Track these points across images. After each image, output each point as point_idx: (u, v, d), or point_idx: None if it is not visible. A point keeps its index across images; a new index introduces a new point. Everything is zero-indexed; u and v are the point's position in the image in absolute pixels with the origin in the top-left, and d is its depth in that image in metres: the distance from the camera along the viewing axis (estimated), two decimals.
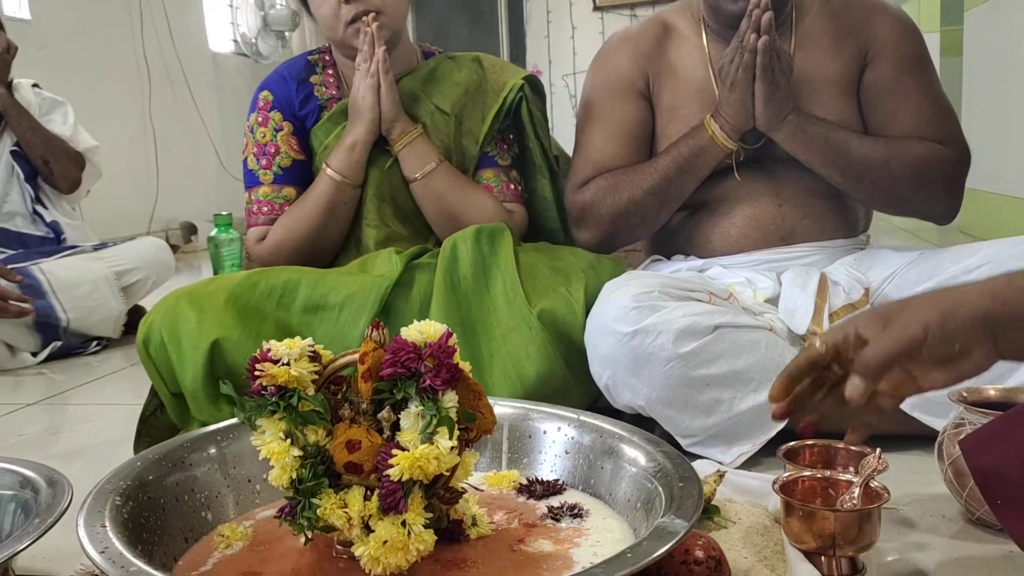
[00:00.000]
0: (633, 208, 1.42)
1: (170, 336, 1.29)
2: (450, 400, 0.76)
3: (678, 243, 1.51)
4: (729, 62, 1.33)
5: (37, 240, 2.25)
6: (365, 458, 0.76)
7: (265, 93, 1.58)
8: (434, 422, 0.74)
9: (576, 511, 0.89)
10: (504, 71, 1.60)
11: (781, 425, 1.18)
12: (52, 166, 2.22)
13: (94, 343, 2.16)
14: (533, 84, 1.59)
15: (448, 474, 0.77)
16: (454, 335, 0.78)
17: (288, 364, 0.77)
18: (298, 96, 1.56)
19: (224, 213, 2.54)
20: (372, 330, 0.79)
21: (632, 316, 1.17)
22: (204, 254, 4.10)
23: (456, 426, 0.75)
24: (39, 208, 2.26)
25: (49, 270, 2.09)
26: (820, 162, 1.36)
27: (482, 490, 0.93)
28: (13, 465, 0.96)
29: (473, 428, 0.78)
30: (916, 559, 0.94)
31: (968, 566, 0.93)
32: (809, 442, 1.05)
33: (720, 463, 1.16)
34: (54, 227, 2.27)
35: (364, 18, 1.43)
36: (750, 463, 1.19)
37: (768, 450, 1.19)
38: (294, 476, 0.76)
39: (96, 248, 2.23)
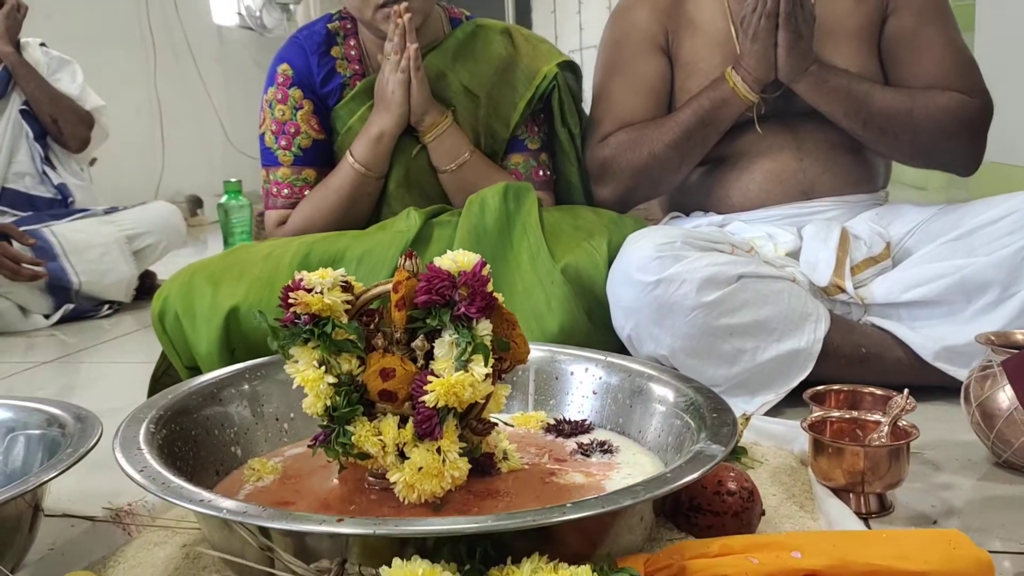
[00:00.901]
0: (654, 162, 1.41)
1: (185, 311, 1.28)
2: (484, 328, 0.75)
3: (697, 200, 1.50)
4: (751, 11, 1.32)
5: (46, 202, 2.24)
6: (399, 386, 0.75)
7: (284, 67, 1.53)
8: (469, 350, 0.74)
9: (606, 447, 0.89)
10: (537, 53, 1.54)
11: (804, 375, 1.18)
12: (61, 125, 2.21)
13: (106, 307, 2.15)
14: (569, 67, 1.56)
15: (482, 402, 0.77)
16: (488, 265, 0.77)
17: (321, 293, 0.77)
18: (319, 72, 1.52)
19: (234, 180, 2.54)
20: (405, 260, 0.78)
21: (655, 265, 1.17)
22: (210, 228, 4.09)
23: (491, 354, 0.75)
24: (47, 169, 2.24)
25: (61, 233, 2.08)
26: (842, 114, 1.35)
27: (512, 425, 0.93)
28: (40, 404, 0.96)
29: (507, 358, 0.78)
30: (944, 498, 0.94)
31: (995, 505, 0.93)
32: (835, 387, 1.05)
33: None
34: (62, 189, 2.26)
35: (396, 7, 1.38)
36: (773, 413, 1.19)
37: (790, 401, 1.19)
38: (328, 403, 0.76)
39: (107, 212, 2.22)
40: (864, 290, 1.28)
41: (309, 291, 0.77)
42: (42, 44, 2.34)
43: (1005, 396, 0.97)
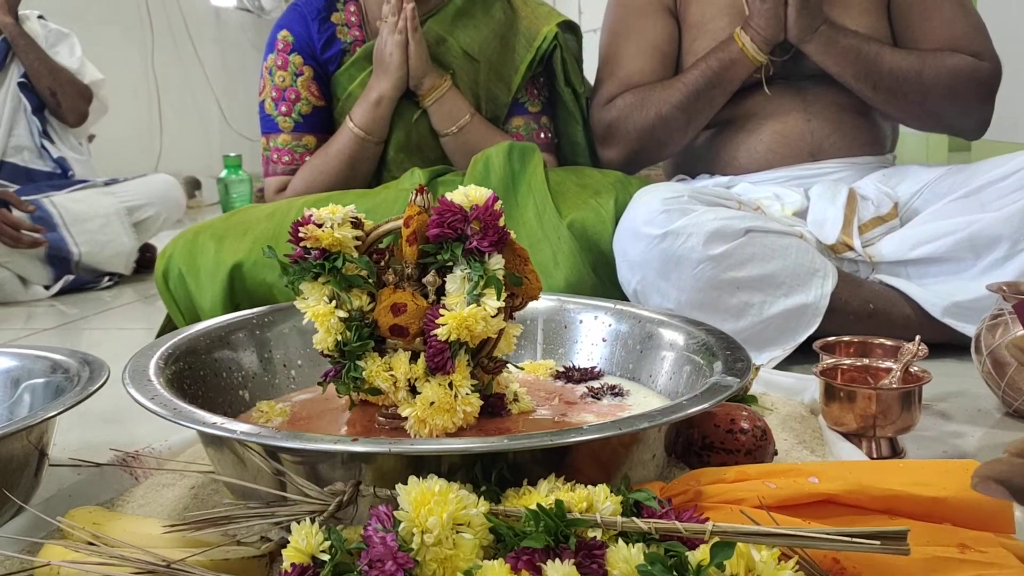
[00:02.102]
0: (661, 124, 1.41)
1: (189, 268, 1.27)
2: (497, 263, 0.74)
3: (703, 162, 1.50)
4: None
5: (44, 176, 2.22)
6: (411, 321, 0.75)
7: (284, 33, 1.52)
8: (481, 283, 0.73)
9: (617, 391, 0.89)
10: (537, 15, 1.54)
11: (811, 330, 1.18)
12: (59, 97, 2.19)
13: (106, 278, 2.14)
14: (569, 27, 1.55)
15: (495, 338, 0.76)
16: (500, 200, 0.76)
17: (332, 227, 0.76)
18: (319, 38, 1.51)
19: (233, 155, 2.53)
20: (416, 195, 0.77)
21: (662, 219, 1.16)
22: (209, 209, 4.07)
23: (503, 289, 0.74)
24: (46, 143, 2.23)
25: (60, 203, 2.06)
26: (852, 75, 1.35)
27: (521, 368, 0.92)
28: (43, 351, 0.95)
29: (519, 294, 0.77)
30: (955, 445, 0.93)
31: None
32: (846, 338, 1.05)
33: None
34: (61, 163, 2.25)
35: None
36: (780, 369, 1.18)
37: (797, 359, 1.19)
38: (339, 338, 0.75)
39: (107, 184, 2.21)
40: (872, 248, 1.27)
41: (319, 227, 0.76)
42: (40, 17, 2.33)
43: None
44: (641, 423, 0.61)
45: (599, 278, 1.25)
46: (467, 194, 0.76)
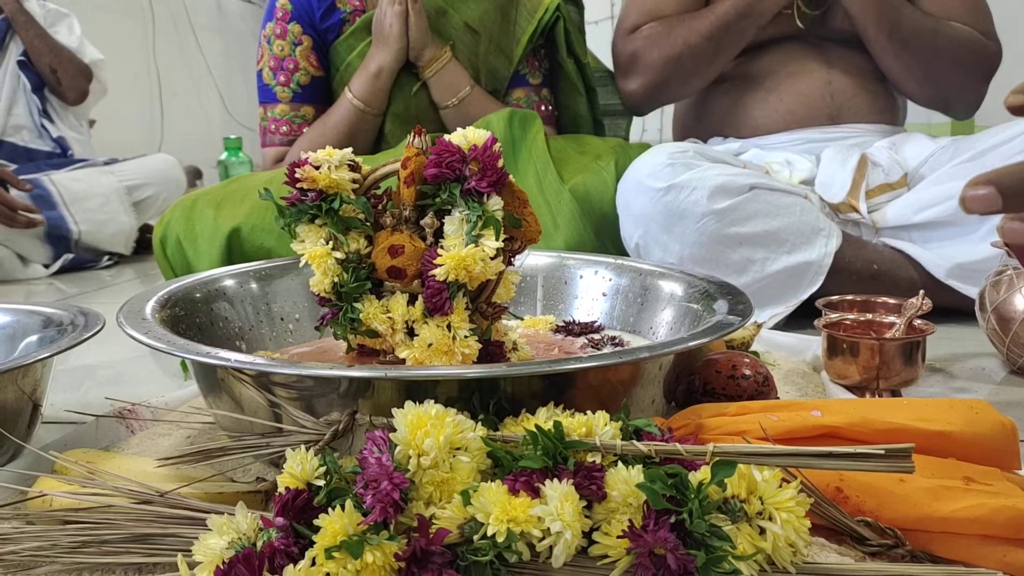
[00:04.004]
0: (688, 53, 1.40)
1: (187, 234, 1.27)
2: (495, 204, 0.73)
3: (717, 121, 1.49)
4: None
5: (44, 155, 2.22)
6: (408, 262, 0.74)
7: (283, 2, 1.51)
8: (479, 224, 0.72)
9: (617, 342, 0.88)
10: None
11: (814, 288, 1.17)
12: (60, 75, 2.19)
13: (105, 258, 2.13)
14: None
15: (493, 282, 0.75)
16: (499, 142, 0.75)
17: (328, 169, 0.75)
18: (319, 7, 1.50)
19: (234, 137, 2.52)
20: (414, 137, 0.76)
21: (667, 172, 1.15)
22: None
23: (502, 229, 0.73)
24: (45, 122, 2.23)
25: (60, 182, 2.06)
26: (873, 18, 1.34)
27: (522, 318, 0.91)
28: (36, 306, 0.94)
29: (518, 237, 0.76)
30: (960, 399, 0.92)
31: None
32: (849, 297, 1.04)
33: None
34: (60, 142, 2.24)
35: None
36: (782, 331, 1.17)
37: (799, 321, 1.18)
38: (336, 280, 0.74)
39: (107, 163, 2.20)
40: (877, 214, 1.27)
41: (316, 168, 0.75)
42: None
43: (1022, 298, 0.95)
44: (641, 353, 0.60)
45: (601, 240, 1.24)
46: (465, 135, 0.75)
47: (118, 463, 0.66)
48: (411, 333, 0.74)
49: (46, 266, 2.03)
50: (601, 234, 1.24)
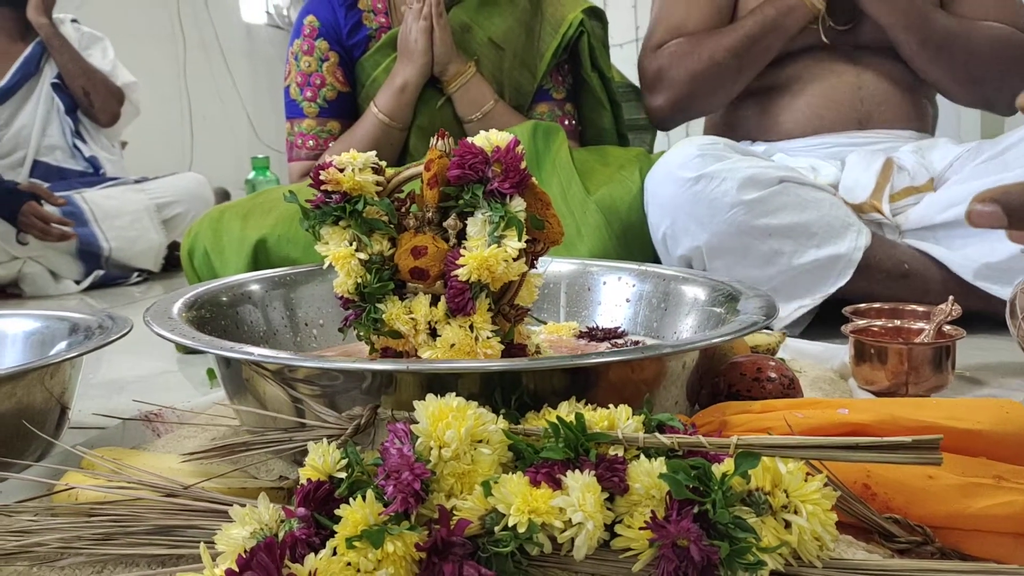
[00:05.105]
0: (713, 69, 1.40)
1: (214, 245, 1.28)
2: (518, 205, 0.73)
3: (744, 127, 1.49)
4: None
5: (76, 174, 2.26)
6: (431, 263, 0.74)
7: (311, 18, 1.54)
8: (502, 224, 0.72)
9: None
10: (561, 1, 1.55)
11: (842, 282, 1.16)
12: (92, 98, 2.23)
13: (135, 274, 2.16)
14: (594, 13, 1.55)
15: (517, 281, 0.75)
16: (521, 144, 0.76)
17: (353, 172, 0.75)
18: (346, 24, 1.52)
19: (262, 156, 2.55)
20: (437, 139, 0.77)
21: (697, 163, 1.16)
22: None
23: (524, 230, 0.73)
24: (78, 142, 2.27)
25: (91, 199, 2.10)
26: (903, 27, 1.33)
27: (545, 322, 0.91)
28: (65, 312, 0.96)
29: (541, 239, 0.76)
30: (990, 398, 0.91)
31: None
32: (876, 304, 1.03)
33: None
34: (93, 161, 2.28)
35: None
36: (807, 339, 1.16)
37: (825, 331, 1.16)
38: (359, 281, 0.74)
39: (137, 181, 2.24)
40: (901, 216, 1.26)
41: (341, 171, 0.76)
42: (74, 20, 2.37)
43: None
44: (664, 348, 0.60)
45: (627, 250, 1.24)
46: (488, 137, 0.75)
47: (143, 460, 0.67)
48: (434, 334, 0.74)
49: (77, 282, 2.06)
50: (626, 244, 1.24)
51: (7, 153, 2.22)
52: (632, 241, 1.23)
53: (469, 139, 0.75)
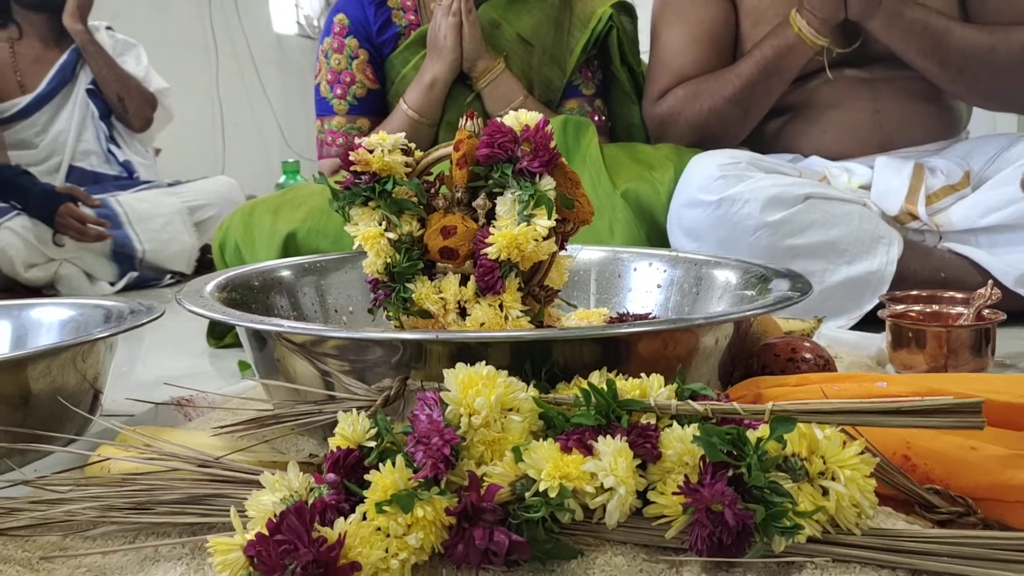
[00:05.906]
0: (715, 119, 1.36)
1: (244, 239, 1.29)
2: (547, 184, 0.73)
3: (766, 151, 1.46)
4: None
5: (111, 179, 2.29)
6: (461, 243, 0.74)
7: (340, 17, 1.56)
8: (531, 203, 0.72)
9: None
10: None
11: (876, 300, 1.13)
12: (126, 103, 2.26)
13: (168, 276, 2.19)
14: (623, 8, 1.55)
15: (547, 260, 0.75)
16: (551, 123, 0.75)
17: (382, 152, 0.76)
18: (375, 22, 1.53)
19: (292, 160, 2.57)
20: (466, 120, 0.77)
21: (718, 185, 1.14)
22: None
23: (554, 209, 0.73)
24: (112, 147, 2.30)
25: (125, 202, 2.12)
26: (918, 52, 1.27)
27: (575, 306, 0.90)
28: (99, 300, 0.97)
29: (570, 218, 0.76)
30: None
31: None
32: (913, 292, 1.01)
33: None
34: (127, 166, 2.32)
35: None
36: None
37: (861, 325, 1.14)
38: (388, 261, 0.74)
39: (170, 184, 2.27)
40: (941, 216, 1.23)
41: (370, 152, 0.76)
42: (108, 28, 2.41)
43: None
44: (696, 319, 0.59)
45: (661, 244, 1.23)
46: (517, 117, 0.75)
47: (175, 436, 0.67)
48: (463, 314, 0.74)
49: (111, 283, 2.08)
50: (655, 242, 1.23)
51: (44, 159, 2.26)
52: (661, 240, 1.22)
53: (498, 118, 0.75)
